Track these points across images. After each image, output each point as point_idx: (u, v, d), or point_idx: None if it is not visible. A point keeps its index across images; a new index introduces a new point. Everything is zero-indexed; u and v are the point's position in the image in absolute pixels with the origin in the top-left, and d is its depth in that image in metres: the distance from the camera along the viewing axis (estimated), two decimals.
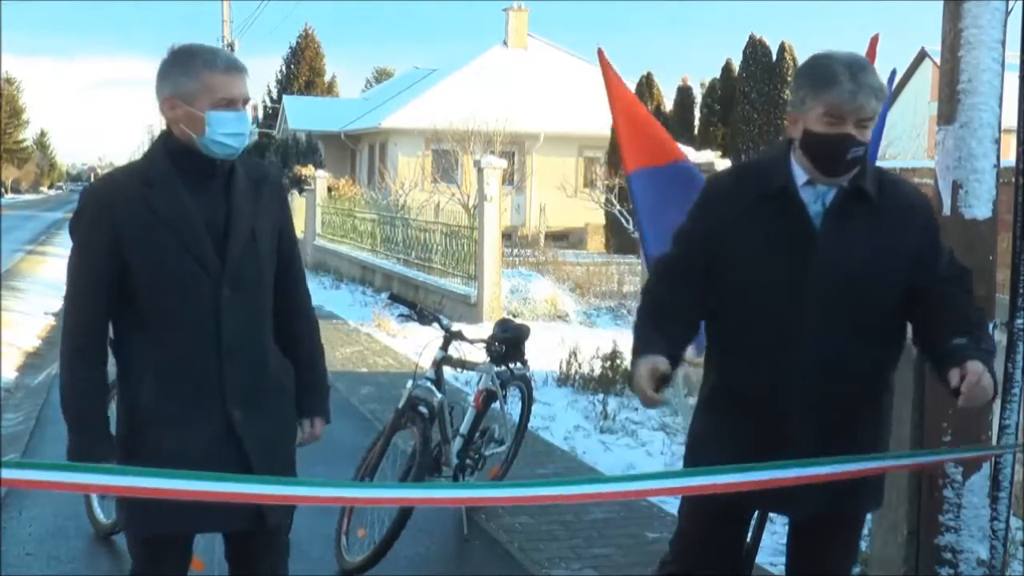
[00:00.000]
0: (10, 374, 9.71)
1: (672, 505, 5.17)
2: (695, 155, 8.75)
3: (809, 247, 2.72)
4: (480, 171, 13.20)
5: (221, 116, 2.72)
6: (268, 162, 4.05)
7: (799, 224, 2.73)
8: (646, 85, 28.28)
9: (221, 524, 2.90)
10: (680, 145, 5.50)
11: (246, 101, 2.78)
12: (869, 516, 3.48)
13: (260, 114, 54.90)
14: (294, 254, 3.04)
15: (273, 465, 2.83)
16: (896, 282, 2.76)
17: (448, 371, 5.70)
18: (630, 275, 15.88)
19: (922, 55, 36.34)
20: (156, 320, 2.77)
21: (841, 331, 2.73)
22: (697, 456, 2.95)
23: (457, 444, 5.39)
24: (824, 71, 2.68)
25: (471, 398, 5.76)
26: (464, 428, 5.48)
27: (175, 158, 2.78)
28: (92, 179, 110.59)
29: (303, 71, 55.94)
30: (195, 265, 2.74)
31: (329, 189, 23.68)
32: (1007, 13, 3.46)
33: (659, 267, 3.00)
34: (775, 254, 2.74)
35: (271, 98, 56.03)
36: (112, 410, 2.89)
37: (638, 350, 2.77)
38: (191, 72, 2.72)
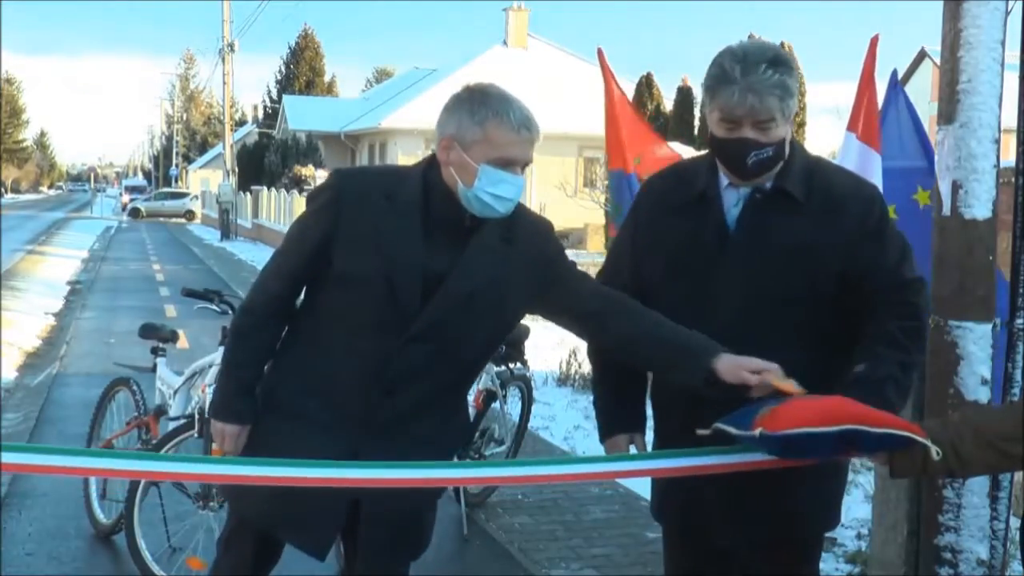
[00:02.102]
0: (10, 374, 9.71)
1: None
2: (695, 155, 8.73)
3: (719, 251, 2.62)
4: None
5: (495, 174, 2.51)
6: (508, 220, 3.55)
7: (713, 228, 2.64)
8: (646, 85, 28.29)
9: (301, 538, 2.73)
10: (680, 145, 5.54)
11: (526, 165, 2.57)
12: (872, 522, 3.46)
13: (260, 114, 54.95)
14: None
15: (384, 507, 2.68)
16: (815, 284, 2.59)
17: None
18: None
19: (922, 55, 36.35)
20: (325, 332, 2.63)
21: (759, 336, 2.56)
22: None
23: None
24: (717, 69, 2.54)
25: (471, 398, 5.76)
26: None
27: (429, 192, 2.59)
28: (92, 179, 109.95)
29: (303, 71, 56.00)
30: (391, 304, 2.55)
31: None
32: (1007, 13, 3.46)
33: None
34: (688, 259, 2.66)
35: (271, 98, 56.07)
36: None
37: (602, 417, 2.87)
38: (478, 118, 2.52)
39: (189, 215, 51.34)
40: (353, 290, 2.57)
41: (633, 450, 2.79)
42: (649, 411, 2.92)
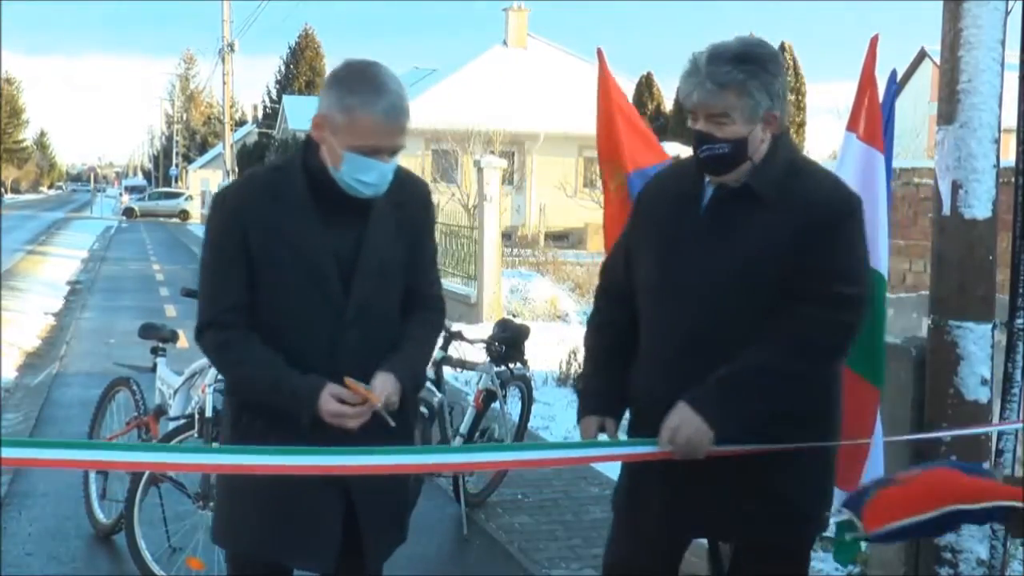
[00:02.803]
0: (10, 374, 9.71)
1: None
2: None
3: (691, 243, 2.62)
4: (480, 171, 13.19)
5: (359, 161, 2.54)
6: (414, 178, 3.51)
7: (688, 222, 2.64)
8: (646, 85, 28.28)
9: (308, 559, 2.71)
10: (680, 145, 5.52)
11: (395, 151, 2.59)
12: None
13: (260, 114, 54.95)
14: (426, 279, 2.81)
15: (377, 497, 2.70)
16: (766, 284, 2.54)
17: (448, 371, 5.71)
18: None
19: (922, 55, 36.35)
20: (271, 337, 2.62)
21: (730, 326, 2.55)
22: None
23: (457, 444, 5.39)
24: (689, 61, 2.56)
25: (471, 398, 5.76)
26: (464, 428, 5.49)
27: (312, 177, 2.61)
28: (91, 179, 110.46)
29: (303, 71, 55.97)
30: (317, 296, 2.59)
31: None
32: (1007, 13, 3.46)
33: (600, 278, 2.96)
34: (667, 251, 2.66)
35: (271, 98, 56.06)
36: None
37: (581, 398, 2.86)
38: (345, 104, 2.51)
39: (183, 215, 51.36)
40: (280, 296, 2.61)
41: (604, 436, 2.78)
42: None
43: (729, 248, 2.56)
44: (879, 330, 3.86)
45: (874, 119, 3.86)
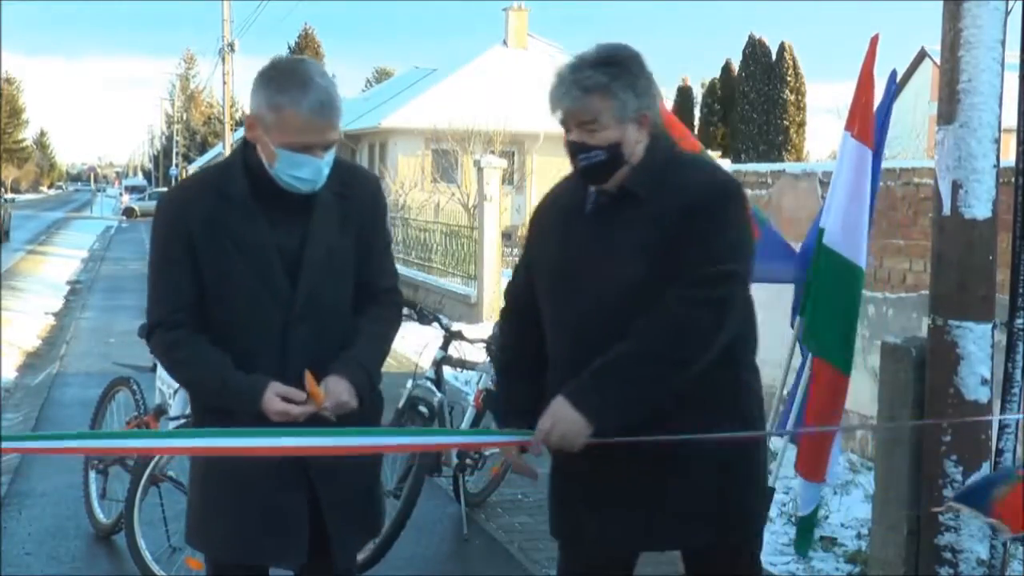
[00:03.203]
0: (10, 374, 9.72)
1: None
2: None
3: (576, 251, 2.62)
4: (480, 171, 13.20)
5: (292, 158, 2.56)
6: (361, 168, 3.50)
7: (573, 235, 2.64)
8: None
9: (278, 557, 2.74)
10: None
11: (328, 146, 2.59)
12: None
13: None
14: (379, 269, 2.80)
15: (342, 494, 2.72)
16: (651, 281, 2.51)
17: (448, 371, 5.71)
18: None
19: (922, 55, 36.32)
20: (222, 336, 2.65)
21: (621, 327, 2.50)
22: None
23: None
24: (552, 80, 2.58)
25: (471, 398, 5.76)
26: (464, 428, 5.48)
27: (253, 175, 2.63)
28: (92, 179, 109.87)
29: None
30: (264, 292, 2.62)
31: None
32: (1007, 13, 3.46)
33: (504, 299, 2.93)
34: (552, 266, 2.67)
35: None
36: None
37: (500, 415, 2.86)
38: (274, 103, 2.52)
39: None
40: (229, 295, 2.63)
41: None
42: None
43: (611, 251, 2.57)
44: (852, 321, 3.89)
45: (866, 117, 3.87)
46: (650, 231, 2.52)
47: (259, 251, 2.62)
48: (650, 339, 2.46)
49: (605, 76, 2.51)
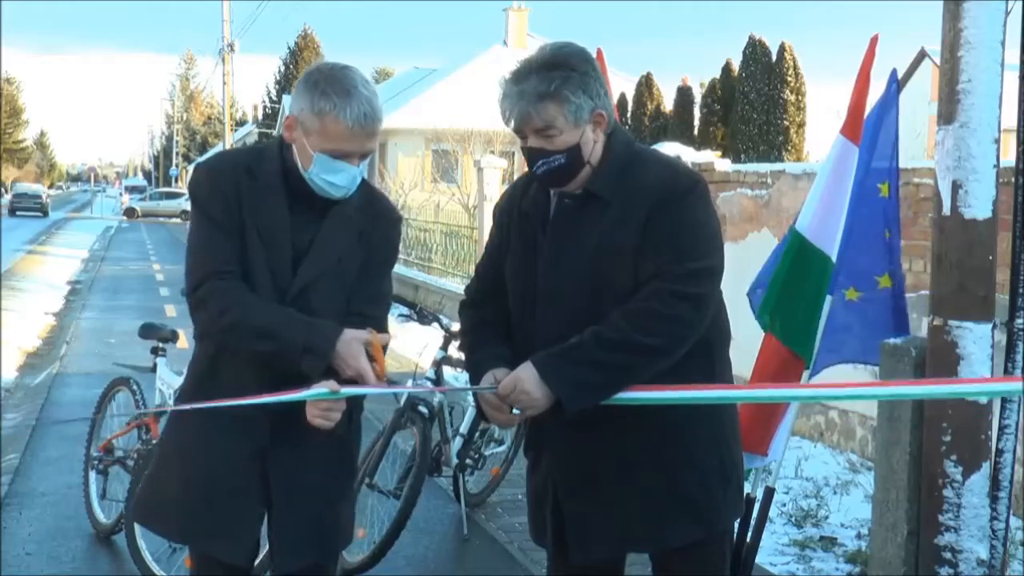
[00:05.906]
0: (10, 374, 9.72)
1: None
2: (695, 155, 8.73)
3: (539, 255, 2.62)
4: (480, 171, 13.20)
5: (329, 164, 2.59)
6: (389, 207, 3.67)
7: (537, 240, 2.64)
8: (646, 85, 28.27)
9: (219, 546, 2.71)
10: (680, 145, 5.52)
11: (365, 155, 2.62)
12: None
13: (260, 114, 54.98)
14: (376, 293, 2.78)
15: (295, 515, 2.70)
16: (619, 281, 2.53)
17: (448, 371, 5.71)
18: None
19: (922, 55, 36.34)
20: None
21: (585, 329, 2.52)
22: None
23: (457, 444, 5.39)
24: (499, 89, 2.58)
25: (471, 398, 5.76)
26: (464, 428, 5.48)
27: (287, 168, 2.66)
28: (92, 179, 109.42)
29: (303, 71, 56.00)
30: (268, 275, 2.63)
31: None
32: (1007, 13, 3.46)
33: (467, 289, 2.92)
34: (518, 266, 2.67)
35: (271, 98, 56.10)
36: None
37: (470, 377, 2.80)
38: (317, 108, 2.54)
39: (184, 215, 51.31)
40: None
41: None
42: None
43: (577, 254, 2.56)
44: (817, 309, 3.82)
45: (857, 114, 3.85)
46: (619, 233, 2.53)
47: (275, 235, 2.63)
48: (625, 329, 2.47)
49: (555, 82, 2.49)
